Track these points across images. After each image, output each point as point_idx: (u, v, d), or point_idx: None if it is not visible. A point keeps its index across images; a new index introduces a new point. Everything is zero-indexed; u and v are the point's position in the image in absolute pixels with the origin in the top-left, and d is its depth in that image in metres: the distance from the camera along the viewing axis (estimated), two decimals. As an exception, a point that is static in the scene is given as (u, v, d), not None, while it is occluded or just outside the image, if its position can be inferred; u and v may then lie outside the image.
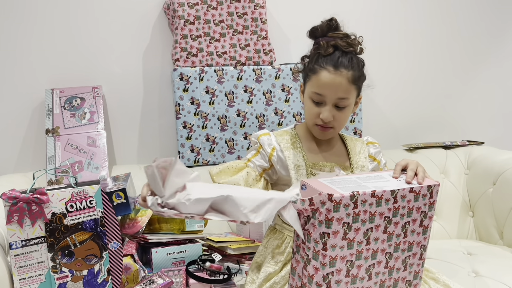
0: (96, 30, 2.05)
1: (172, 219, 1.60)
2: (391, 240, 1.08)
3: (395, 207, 1.06)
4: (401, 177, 1.14)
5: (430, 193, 1.12)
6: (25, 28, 1.99)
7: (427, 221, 1.13)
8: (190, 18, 1.97)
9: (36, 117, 2.03)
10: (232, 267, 1.55)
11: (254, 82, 2.03)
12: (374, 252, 1.07)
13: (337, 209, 0.98)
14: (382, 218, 1.05)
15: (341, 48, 1.31)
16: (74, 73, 2.04)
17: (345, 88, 1.28)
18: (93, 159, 1.86)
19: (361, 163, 1.40)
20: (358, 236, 1.03)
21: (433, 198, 1.13)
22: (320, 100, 1.31)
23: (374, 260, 1.07)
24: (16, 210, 1.22)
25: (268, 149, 1.37)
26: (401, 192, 1.06)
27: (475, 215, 2.05)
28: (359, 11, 2.28)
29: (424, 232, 1.14)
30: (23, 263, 1.24)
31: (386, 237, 1.07)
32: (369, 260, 1.07)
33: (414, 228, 1.11)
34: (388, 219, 1.06)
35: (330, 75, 1.28)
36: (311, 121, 1.35)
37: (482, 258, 1.74)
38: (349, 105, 1.32)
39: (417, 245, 1.14)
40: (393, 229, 1.08)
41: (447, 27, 2.39)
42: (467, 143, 2.23)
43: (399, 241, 1.10)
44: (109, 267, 1.30)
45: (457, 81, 2.44)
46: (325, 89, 1.29)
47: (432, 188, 1.12)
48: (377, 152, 1.47)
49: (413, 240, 1.13)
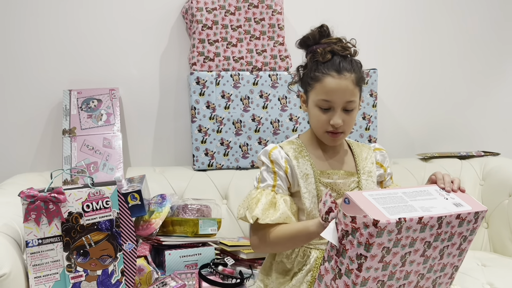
0: (114, 33, 2.07)
1: (185, 221, 1.61)
2: (426, 263, 1.05)
3: (437, 232, 1.02)
4: (448, 195, 1.10)
5: (476, 218, 1.07)
6: (44, 30, 2.02)
7: (465, 245, 1.10)
8: (208, 23, 1.98)
9: (53, 118, 2.05)
10: (245, 271, 1.55)
11: (269, 87, 2.03)
12: (407, 274, 1.04)
13: (380, 235, 0.93)
14: (423, 242, 1.01)
15: (338, 52, 1.30)
16: (91, 74, 2.06)
17: (351, 91, 1.29)
18: (108, 160, 1.88)
19: (368, 168, 1.39)
20: (395, 259, 0.99)
21: (477, 224, 1.08)
22: (328, 106, 1.30)
23: (406, 280, 1.05)
24: (34, 209, 1.23)
25: (282, 163, 1.34)
26: (448, 219, 1.01)
27: (489, 227, 2.03)
28: (375, 18, 2.28)
29: (459, 254, 1.11)
30: (39, 261, 1.25)
31: (423, 260, 1.04)
32: (401, 280, 1.04)
33: (451, 251, 1.08)
34: (428, 243, 1.02)
35: (335, 80, 1.28)
36: (321, 129, 1.33)
37: (497, 270, 1.72)
38: (356, 108, 1.32)
39: (450, 266, 1.11)
40: (431, 253, 1.04)
41: (464, 36, 2.37)
42: (482, 154, 2.22)
43: (434, 263, 1.07)
44: (123, 268, 1.31)
45: (474, 91, 2.42)
46: (333, 95, 1.28)
47: (478, 215, 1.07)
48: (384, 159, 1.45)
49: (448, 262, 1.10)
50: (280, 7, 2.04)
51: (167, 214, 1.59)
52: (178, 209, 1.68)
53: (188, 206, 1.69)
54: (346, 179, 1.35)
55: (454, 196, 1.10)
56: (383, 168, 1.44)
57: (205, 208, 1.71)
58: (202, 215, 1.69)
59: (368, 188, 1.36)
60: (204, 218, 1.65)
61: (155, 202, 1.64)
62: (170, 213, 1.63)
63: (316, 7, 2.22)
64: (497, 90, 2.45)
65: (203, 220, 1.62)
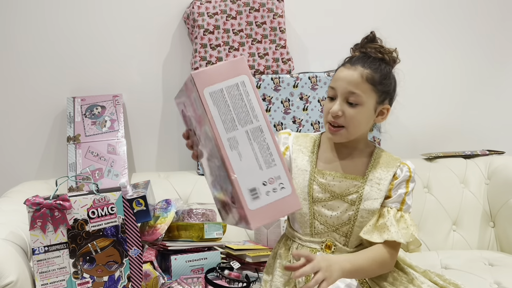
0: (117, 40, 2.08)
1: (191, 226, 1.61)
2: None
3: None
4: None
5: None
6: (47, 38, 2.03)
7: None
8: (209, 27, 1.99)
9: (58, 125, 2.06)
10: (251, 275, 1.55)
11: (272, 90, 2.03)
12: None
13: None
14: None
15: (369, 54, 1.32)
16: (95, 81, 2.07)
17: (356, 82, 1.27)
18: (113, 166, 1.88)
19: (379, 175, 1.33)
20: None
21: None
22: (333, 94, 1.31)
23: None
24: (39, 216, 1.24)
25: (282, 147, 1.38)
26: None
27: (496, 226, 2.02)
28: (377, 20, 2.28)
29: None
30: (45, 269, 1.25)
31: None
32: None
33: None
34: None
35: (345, 69, 1.30)
36: (324, 118, 1.34)
37: (505, 270, 1.71)
38: (363, 104, 1.28)
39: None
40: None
41: (468, 35, 2.37)
42: (487, 153, 2.21)
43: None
44: (129, 273, 1.31)
45: (477, 89, 2.41)
46: (337, 82, 1.30)
47: None
48: (401, 173, 1.33)
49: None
50: (281, 10, 2.04)
51: (172, 219, 1.60)
52: (183, 214, 1.68)
53: (193, 210, 1.69)
54: (343, 182, 1.32)
55: (272, 200, 0.96)
56: (395, 179, 1.33)
57: (210, 212, 1.71)
58: (207, 220, 1.69)
59: (370, 196, 1.30)
60: (210, 222, 1.65)
61: (160, 207, 1.64)
62: (175, 218, 1.63)
63: (317, 9, 2.22)
64: (501, 88, 2.44)
65: (208, 224, 1.62)
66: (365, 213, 1.30)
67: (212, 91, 0.90)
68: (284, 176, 0.95)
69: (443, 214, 2.01)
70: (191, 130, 1.12)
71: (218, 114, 0.90)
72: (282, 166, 0.95)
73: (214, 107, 0.90)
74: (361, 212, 1.30)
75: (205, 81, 0.90)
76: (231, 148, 0.92)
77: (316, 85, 2.06)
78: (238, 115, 0.92)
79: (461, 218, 2.03)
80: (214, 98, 0.90)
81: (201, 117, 0.94)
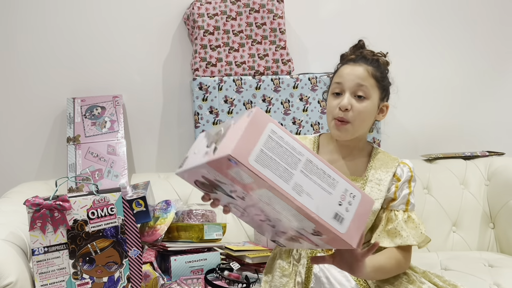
0: (117, 41, 2.08)
1: (190, 227, 1.61)
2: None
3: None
4: (349, 206, 0.97)
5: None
6: (47, 39, 2.03)
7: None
8: (209, 28, 1.99)
9: (58, 126, 2.06)
10: (250, 276, 1.55)
11: (272, 91, 2.03)
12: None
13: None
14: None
15: (366, 55, 1.37)
16: (95, 82, 2.07)
17: (363, 76, 1.31)
18: (113, 167, 1.88)
19: (379, 176, 1.35)
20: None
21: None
22: (340, 89, 1.33)
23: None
24: (39, 217, 1.24)
25: None
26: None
27: (496, 227, 2.02)
28: (378, 21, 2.29)
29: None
30: (45, 269, 1.25)
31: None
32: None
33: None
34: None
35: (349, 66, 1.35)
36: (330, 115, 1.35)
37: (504, 271, 1.71)
38: (369, 99, 1.31)
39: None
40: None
41: (468, 36, 2.37)
42: (487, 154, 2.21)
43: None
44: (129, 274, 1.31)
45: (477, 91, 2.42)
46: (344, 77, 1.33)
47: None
48: (402, 173, 1.36)
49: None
50: (281, 11, 2.05)
51: (172, 220, 1.60)
52: (183, 214, 1.68)
53: (193, 211, 1.69)
54: None
55: (353, 211, 0.96)
56: (398, 181, 1.35)
57: (210, 213, 1.71)
58: (207, 220, 1.69)
59: (371, 196, 1.29)
60: (209, 223, 1.65)
61: (160, 208, 1.64)
62: (175, 218, 1.63)
63: (317, 11, 2.23)
64: (501, 89, 2.44)
65: (208, 225, 1.62)
66: None
67: (255, 158, 0.88)
68: (349, 186, 0.97)
69: (443, 215, 2.01)
70: (211, 193, 1.11)
71: (272, 173, 0.89)
72: (343, 179, 0.96)
73: (265, 170, 0.89)
74: None
75: (244, 155, 0.87)
76: (299, 194, 0.91)
77: (316, 86, 2.06)
78: (287, 161, 0.91)
79: (461, 219, 2.03)
80: (261, 162, 0.88)
81: (251, 185, 0.92)
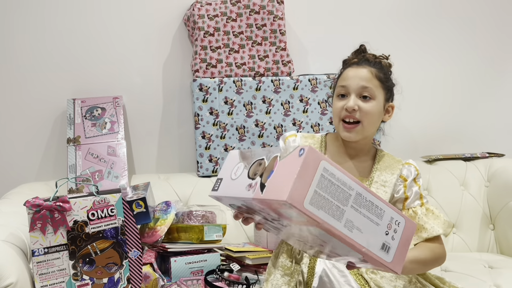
0: (117, 42, 2.08)
1: (190, 228, 1.61)
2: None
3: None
4: (394, 233, 0.99)
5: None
6: (47, 40, 2.03)
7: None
8: (210, 29, 1.99)
9: (58, 127, 2.06)
10: (250, 277, 1.55)
11: (272, 92, 2.04)
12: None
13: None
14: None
15: (368, 58, 1.38)
16: (95, 83, 2.07)
17: (368, 78, 1.33)
18: (113, 168, 1.88)
19: (384, 178, 1.36)
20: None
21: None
22: (345, 92, 1.34)
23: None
24: (39, 218, 1.24)
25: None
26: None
27: (495, 228, 2.02)
28: (377, 21, 2.29)
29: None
30: (45, 270, 1.25)
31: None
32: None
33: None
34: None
35: (353, 68, 1.36)
36: (337, 117, 1.36)
37: (504, 272, 1.71)
38: (375, 100, 1.33)
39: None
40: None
41: (468, 37, 2.37)
42: (487, 155, 2.21)
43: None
44: (129, 275, 1.31)
45: (477, 92, 2.42)
46: (349, 80, 1.34)
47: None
48: (409, 174, 1.38)
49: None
50: (281, 12, 2.05)
51: (172, 221, 1.60)
52: (183, 215, 1.68)
53: (193, 212, 1.69)
54: None
55: (398, 238, 0.98)
56: (404, 183, 1.37)
57: (210, 214, 1.71)
58: (207, 222, 1.69)
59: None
60: (209, 224, 1.65)
61: (160, 209, 1.64)
62: (175, 220, 1.63)
63: (317, 12, 2.23)
64: (501, 91, 2.44)
65: (208, 226, 1.62)
66: None
67: (309, 200, 0.87)
68: (395, 214, 0.97)
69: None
70: (247, 214, 1.10)
71: (325, 213, 0.89)
72: (389, 208, 0.97)
73: (319, 211, 0.88)
74: None
75: (299, 199, 0.86)
76: (350, 230, 0.92)
77: (316, 87, 2.06)
78: (338, 198, 0.91)
79: (460, 221, 2.03)
80: (315, 204, 0.87)
81: (302, 221, 0.92)
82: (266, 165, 0.95)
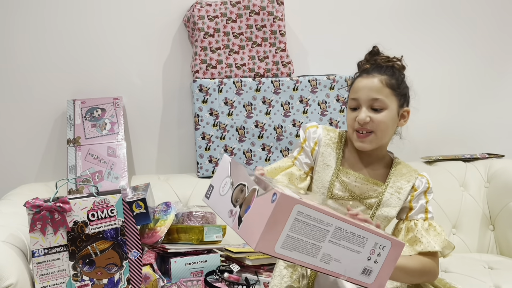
0: (117, 43, 2.08)
1: (190, 228, 1.61)
2: None
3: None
4: (378, 257, 0.98)
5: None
6: (47, 41, 2.03)
7: None
8: (209, 30, 1.99)
9: (58, 128, 2.06)
10: (250, 278, 1.55)
11: (272, 93, 2.04)
12: None
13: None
14: None
15: (380, 63, 1.36)
16: (95, 84, 2.07)
17: (377, 89, 1.31)
18: (113, 169, 1.88)
19: (399, 184, 1.36)
20: None
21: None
22: (356, 105, 1.34)
23: None
24: (39, 219, 1.24)
25: (311, 143, 1.39)
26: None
27: (495, 229, 2.03)
28: (377, 21, 2.29)
29: None
30: (45, 271, 1.25)
31: None
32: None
33: None
34: None
35: (363, 79, 1.34)
36: (350, 128, 1.36)
37: (504, 273, 1.71)
38: (387, 109, 1.32)
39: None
40: None
41: (468, 38, 2.37)
42: (487, 156, 2.21)
43: None
44: (129, 276, 1.31)
45: (477, 92, 2.42)
46: (359, 92, 1.33)
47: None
48: (420, 184, 1.37)
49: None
50: (281, 13, 2.05)
51: (172, 221, 1.60)
52: (183, 216, 1.68)
53: (193, 213, 1.69)
54: (364, 185, 1.35)
55: (382, 261, 0.98)
56: (413, 193, 1.37)
57: (209, 215, 1.71)
58: (207, 222, 1.69)
59: (389, 203, 1.34)
60: (209, 225, 1.65)
61: (160, 210, 1.64)
62: (175, 220, 1.64)
63: (317, 13, 2.23)
64: (501, 92, 2.44)
65: (208, 227, 1.62)
66: (381, 219, 1.33)
67: (281, 245, 0.86)
68: (379, 239, 0.97)
69: (442, 217, 2.01)
70: None
71: (300, 253, 0.89)
72: (373, 234, 0.96)
73: (292, 252, 0.87)
74: (377, 217, 1.32)
75: (269, 246, 0.85)
76: (327, 263, 0.92)
77: (316, 88, 2.06)
78: (314, 237, 0.90)
79: (460, 222, 2.03)
80: (287, 247, 0.87)
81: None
82: (246, 195, 0.95)
